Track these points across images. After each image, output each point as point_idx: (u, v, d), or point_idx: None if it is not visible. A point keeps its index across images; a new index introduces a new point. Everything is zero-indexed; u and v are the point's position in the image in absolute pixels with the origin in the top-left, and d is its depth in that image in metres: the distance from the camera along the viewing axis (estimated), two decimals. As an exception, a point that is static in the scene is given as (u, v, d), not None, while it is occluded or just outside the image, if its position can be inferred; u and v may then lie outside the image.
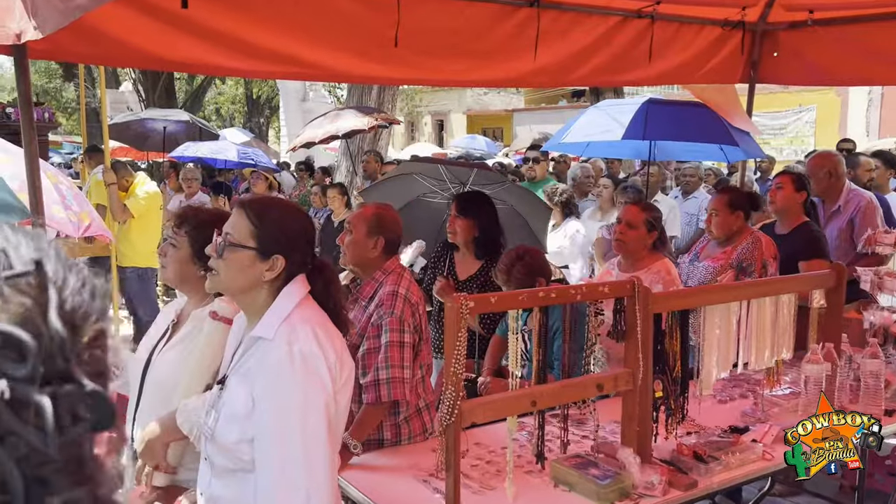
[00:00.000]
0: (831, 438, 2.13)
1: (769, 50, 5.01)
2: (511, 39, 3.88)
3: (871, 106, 17.56)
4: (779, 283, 3.12)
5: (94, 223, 3.75)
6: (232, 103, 33.95)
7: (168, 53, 3.09)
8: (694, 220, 6.67)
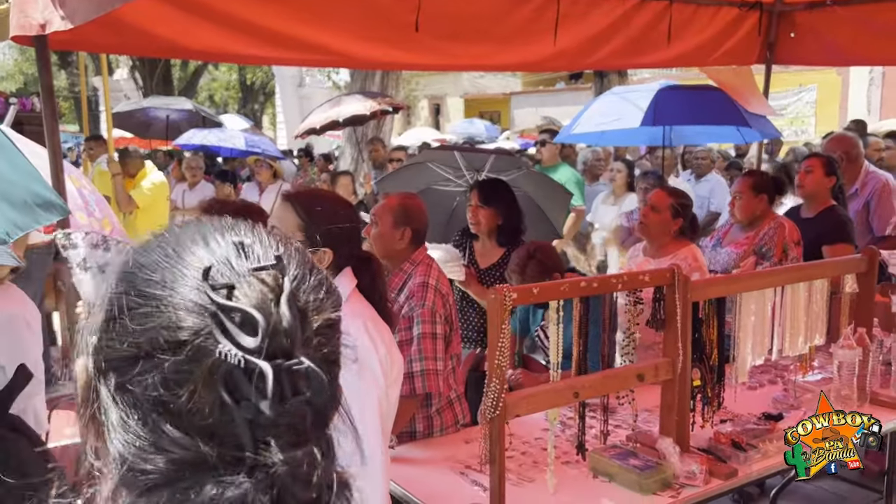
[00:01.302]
0: (831, 438, 2.12)
1: (786, 30, 4.95)
2: (530, 23, 3.82)
3: (873, 85, 17.51)
4: (812, 269, 3.09)
5: (115, 230, 3.70)
6: (226, 89, 33.71)
7: (191, 42, 3.04)
8: (705, 203, 6.63)
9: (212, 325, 0.60)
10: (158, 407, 0.61)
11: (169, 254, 0.66)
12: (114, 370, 0.63)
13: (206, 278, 0.62)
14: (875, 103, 17.58)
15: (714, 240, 4.10)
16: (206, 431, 0.60)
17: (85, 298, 0.98)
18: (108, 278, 0.68)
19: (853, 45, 4.84)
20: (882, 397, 3.14)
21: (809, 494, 4.06)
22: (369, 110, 6.87)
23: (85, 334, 0.67)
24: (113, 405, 0.63)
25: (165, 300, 0.62)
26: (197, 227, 0.69)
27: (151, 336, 0.61)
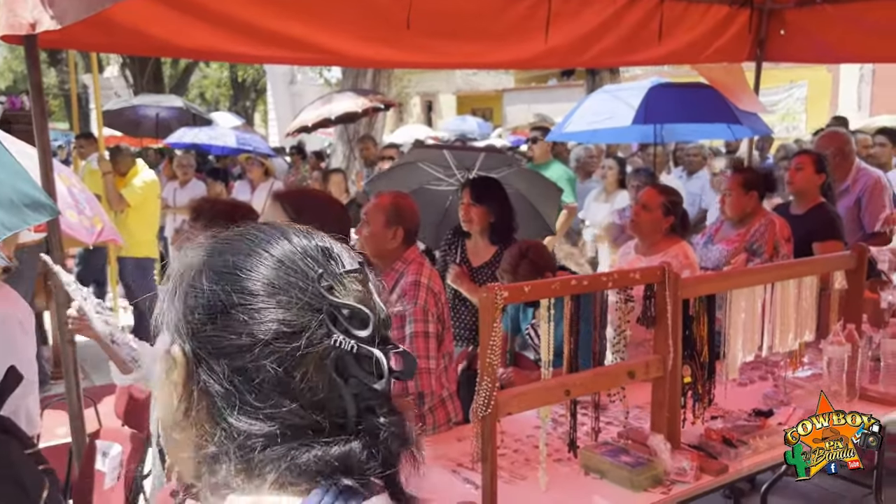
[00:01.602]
0: (831, 438, 2.13)
1: (776, 28, 4.98)
2: (523, 21, 3.83)
3: (863, 82, 17.59)
4: (802, 266, 3.11)
5: (106, 227, 3.69)
6: (217, 87, 33.59)
7: (183, 41, 3.03)
8: (697, 200, 6.66)
9: (325, 319, 0.73)
10: (275, 386, 0.72)
11: (267, 258, 0.77)
12: (226, 356, 0.73)
13: (320, 282, 0.75)
14: (865, 100, 17.67)
15: (706, 237, 4.12)
16: (317, 405, 0.72)
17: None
18: (186, 277, 0.78)
19: (843, 42, 4.87)
20: (871, 393, 3.16)
21: (799, 490, 4.09)
22: (361, 108, 6.87)
23: (175, 326, 0.77)
24: (225, 385, 0.73)
25: (278, 298, 0.74)
26: (282, 233, 0.80)
27: (268, 328, 0.73)
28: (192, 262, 0.79)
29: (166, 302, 0.80)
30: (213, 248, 0.80)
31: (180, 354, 0.76)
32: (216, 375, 0.74)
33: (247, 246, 0.78)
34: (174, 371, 0.76)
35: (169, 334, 0.78)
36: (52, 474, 2.20)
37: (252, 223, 0.84)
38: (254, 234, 0.80)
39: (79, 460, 2.90)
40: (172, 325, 0.78)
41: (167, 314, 0.79)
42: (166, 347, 0.78)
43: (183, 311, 0.77)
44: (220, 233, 0.83)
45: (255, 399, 0.72)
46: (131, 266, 6.40)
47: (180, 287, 0.78)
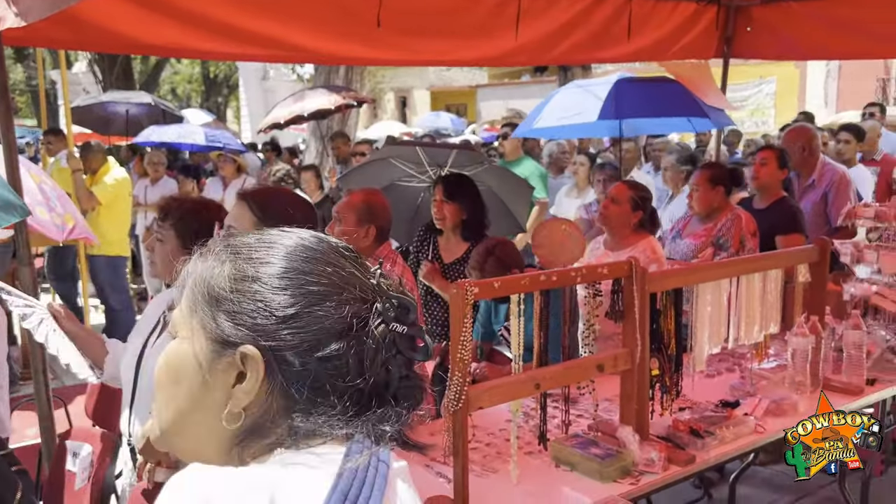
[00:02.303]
0: (831, 438, 2.16)
1: (743, 25, 5.05)
2: (492, 18, 3.86)
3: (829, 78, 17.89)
4: (766, 260, 3.17)
5: (79, 225, 3.65)
6: (188, 83, 33.28)
7: (152, 38, 3.01)
8: (665, 195, 6.73)
9: (381, 309, 0.86)
10: (347, 372, 0.84)
11: (328, 264, 0.88)
12: (309, 349, 0.84)
13: (368, 279, 0.89)
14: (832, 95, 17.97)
15: (674, 231, 4.18)
16: (372, 382, 0.85)
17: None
18: (252, 285, 0.87)
19: (808, 39, 4.95)
20: (834, 383, 3.23)
21: (767, 479, 4.18)
22: (334, 105, 6.85)
23: (240, 327, 0.85)
24: (303, 374, 0.84)
25: (343, 296, 0.86)
26: (311, 237, 0.92)
27: (341, 322, 0.85)
28: (233, 269, 0.88)
29: (204, 307, 0.87)
30: (252, 255, 0.89)
31: (257, 353, 0.83)
32: (295, 371, 0.83)
33: (304, 253, 0.89)
34: (249, 370, 0.84)
35: (223, 335, 0.85)
36: (25, 475, 2.19)
37: (271, 229, 0.94)
38: (287, 237, 0.91)
39: (49, 461, 2.88)
40: (230, 326, 0.85)
41: (213, 318, 0.86)
42: (215, 344, 0.86)
43: (249, 314, 0.85)
44: (236, 239, 0.92)
45: (329, 388, 0.84)
46: (102, 265, 6.34)
47: (231, 293, 0.86)
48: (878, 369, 3.35)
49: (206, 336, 0.86)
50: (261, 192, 1.96)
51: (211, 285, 0.87)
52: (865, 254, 3.43)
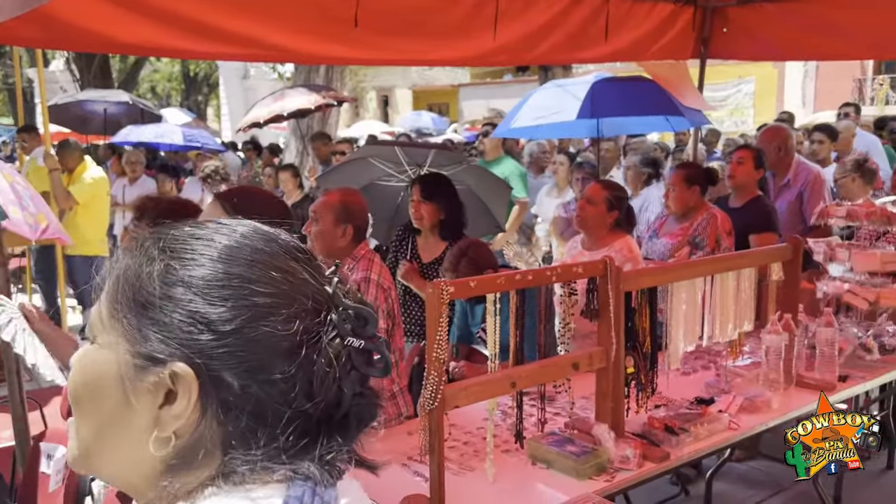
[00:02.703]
0: (831, 438, 2.18)
1: (719, 26, 5.10)
2: (470, 18, 3.87)
3: (807, 78, 18.08)
4: (740, 258, 3.21)
5: (52, 225, 3.61)
6: (168, 81, 33.03)
7: (125, 36, 2.99)
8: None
9: (336, 321, 0.75)
10: (296, 394, 0.73)
11: (277, 269, 0.75)
12: (251, 370, 0.72)
13: (321, 285, 0.77)
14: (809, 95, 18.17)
15: (651, 231, 4.22)
16: (324, 403, 0.74)
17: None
18: (162, 288, 0.73)
19: (784, 40, 5.01)
20: (807, 380, 3.28)
21: (743, 475, 4.22)
22: (314, 104, 6.84)
23: (169, 340, 0.72)
24: (243, 398, 0.72)
25: (292, 309, 0.74)
26: (267, 240, 0.78)
27: (289, 339, 0.73)
28: (164, 271, 0.74)
29: (128, 313, 0.74)
30: (186, 255, 0.75)
31: (190, 372, 0.71)
32: (233, 394, 0.72)
33: (242, 255, 0.75)
34: (180, 391, 0.71)
35: (150, 348, 0.72)
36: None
37: (199, 220, 0.81)
38: (229, 235, 0.77)
39: (23, 464, 2.85)
40: (159, 339, 0.72)
41: (138, 327, 0.73)
42: (138, 358, 0.73)
43: (181, 326, 0.72)
44: (170, 233, 0.78)
45: (272, 415, 0.72)
46: (80, 265, 6.28)
47: (160, 299, 0.72)
48: (849, 366, 3.40)
49: (129, 347, 0.73)
50: (235, 193, 1.96)
51: (137, 287, 0.74)
52: (838, 252, 3.48)
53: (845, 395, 3.29)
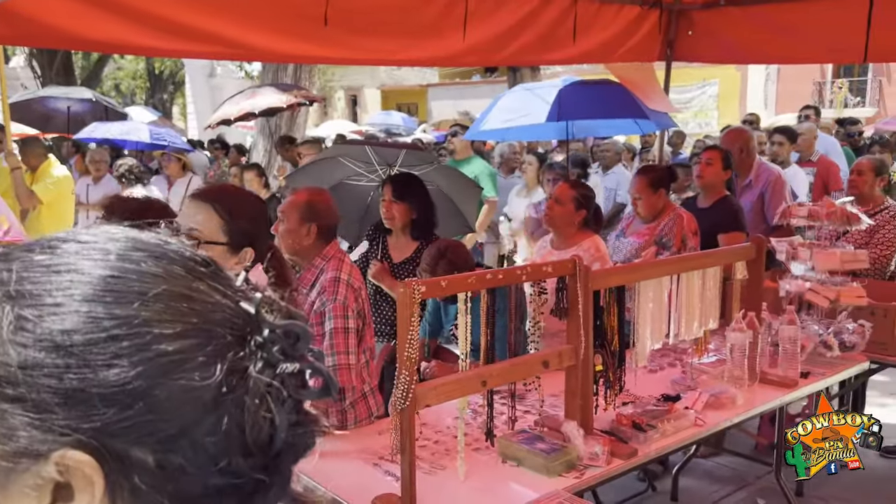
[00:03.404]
0: (831, 438, 2.21)
1: (684, 29, 5.18)
2: (440, 18, 3.89)
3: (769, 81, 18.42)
4: (706, 258, 3.27)
5: (13, 228, 3.55)
6: (133, 79, 32.53)
7: (93, 33, 2.94)
8: (612, 195, 6.86)
9: (265, 348, 0.58)
10: (221, 452, 0.56)
11: (182, 297, 0.56)
12: (169, 438, 0.54)
13: (238, 305, 0.59)
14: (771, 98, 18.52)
15: (618, 231, 4.27)
16: (253, 446, 0.58)
17: None
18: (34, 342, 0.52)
19: (747, 43, 5.11)
20: (770, 376, 3.35)
21: (708, 471, 4.30)
22: (285, 103, 6.81)
23: (72, 419, 0.52)
24: (164, 476, 0.54)
25: (215, 347, 0.56)
26: (158, 257, 0.59)
27: (216, 389, 0.55)
28: (18, 327, 0.52)
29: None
30: (45, 300, 0.53)
31: (87, 459, 0.52)
32: (149, 474, 0.53)
33: (125, 283, 0.55)
34: (77, 487, 0.52)
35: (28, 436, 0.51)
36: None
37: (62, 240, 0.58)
38: (100, 259, 0.56)
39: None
40: (31, 425, 0.51)
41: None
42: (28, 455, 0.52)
43: (62, 401, 0.51)
44: (12, 267, 0.55)
45: (201, 487, 0.56)
46: (43, 266, 6.15)
47: (20, 370, 0.51)
48: (810, 363, 3.48)
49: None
50: (224, 194, 1.94)
51: None
52: (800, 251, 3.56)
53: (808, 391, 3.36)
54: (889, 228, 4.40)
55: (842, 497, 3.94)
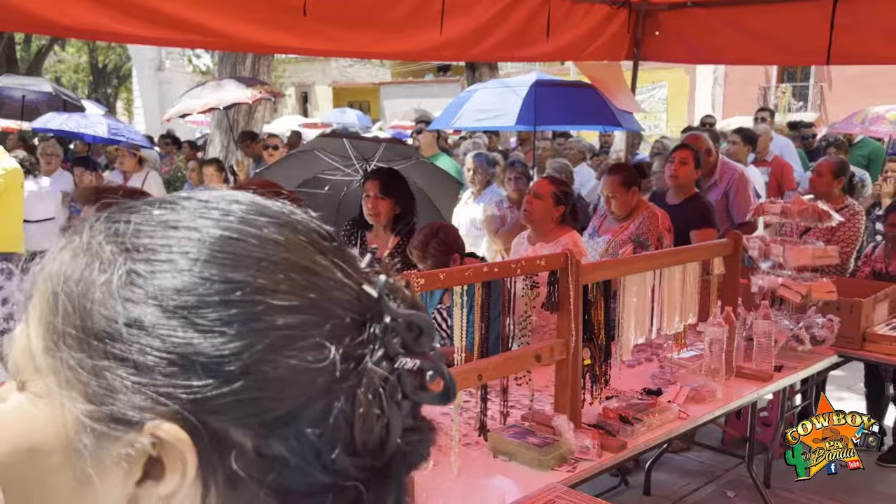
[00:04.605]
0: (831, 438, 2.23)
1: (651, 29, 5.25)
2: (417, 12, 3.86)
3: (716, 84, 18.86)
4: (687, 252, 3.31)
5: None
6: (75, 72, 31.58)
7: (59, 17, 2.82)
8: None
9: (384, 338, 0.53)
10: (328, 447, 0.51)
11: (298, 268, 0.52)
12: (272, 423, 0.49)
13: (360, 287, 0.54)
14: (718, 100, 18.97)
15: (591, 229, 4.30)
16: (365, 448, 0.53)
17: None
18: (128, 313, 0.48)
19: (712, 44, 5.21)
20: (745, 370, 3.42)
21: (680, 465, 4.36)
22: (251, 99, 6.69)
23: (168, 388, 0.48)
24: (262, 465, 0.50)
25: (331, 327, 0.51)
26: (280, 224, 0.54)
27: (328, 373, 0.50)
28: (127, 281, 0.49)
29: (75, 348, 0.49)
30: (160, 256, 0.50)
31: (182, 434, 0.48)
32: (247, 461, 0.49)
33: (241, 249, 0.51)
34: (169, 463, 0.48)
35: (127, 403, 0.48)
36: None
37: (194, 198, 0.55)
38: (220, 219, 0.52)
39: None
40: (129, 388, 0.48)
41: (94, 371, 0.48)
42: (110, 423, 0.48)
43: (163, 366, 0.48)
44: (130, 219, 0.52)
45: (303, 482, 0.51)
46: (-8, 262, 5.91)
47: (126, 327, 0.48)
48: (782, 357, 3.56)
49: (82, 403, 0.48)
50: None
51: (87, 309, 0.49)
52: (772, 248, 3.64)
53: (782, 384, 3.44)
54: (849, 226, 4.53)
55: (807, 488, 4.04)
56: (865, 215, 5.61)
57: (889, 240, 4.55)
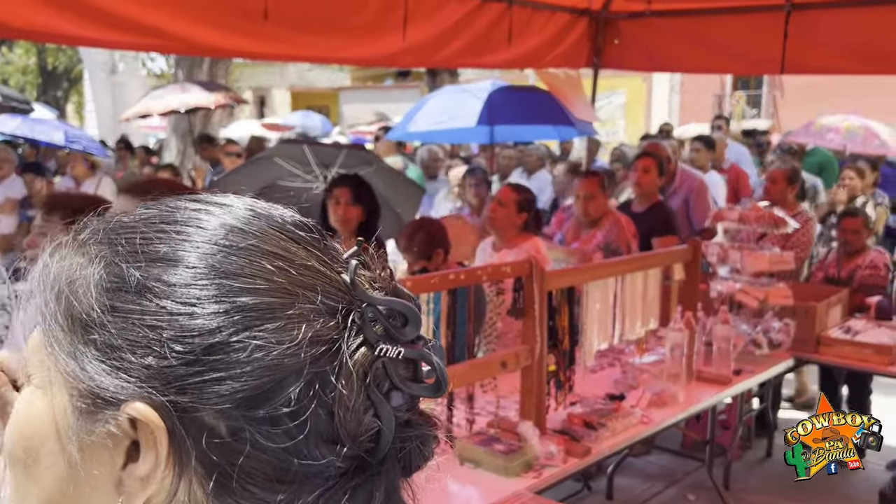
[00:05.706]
0: (831, 438, 2.26)
1: (611, 37, 5.32)
2: (381, 18, 3.84)
3: (673, 92, 19.18)
4: (650, 259, 3.35)
5: None
6: (23, 74, 30.77)
7: (10, 19, 2.74)
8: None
9: (360, 323, 0.53)
10: (309, 434, 0.52)
11: (269, 254, 0.54)
12: (241, 404, 0.50)
13: (353, 274, 0.55)
14: (675, 108, 19.29)
15: (558, 237, 4.34)
16: (352, 438, 0.54)
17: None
18: (107, 296, 0.52)
19: (670, 53, 5.29)
20: (705, 374, 3.47)
21: (641, 469, 4.40)
22: (214, 104, 6.60)
23: (142, 369, 0.50)
24: (232, 448, 0.51)
25: (300, 310, 0.52)
26: (252, 215, 0.57)
27: (297, 353, 0.51)
28: (104, 274, 0.53)
29: (61, 338, 0.52)
30: (140, 249, 0.53)
31: (153, 415, 0.49)
32: (218, 443, 0.50)
33: (214, 239, 0.54)
34: (144, 443, 0.50)
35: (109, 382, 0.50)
36: None
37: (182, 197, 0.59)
38: (209, 220, 0.55)
39: None
40: (105, 370, 0.50)
41: (75, 356, 0.51)
42: (89, 400, 0.51)
43: (137, 348, 0.50)
44: (122, 221, 0.56)
45: (276, 470, 0.51)
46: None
47: (104, 312, 0.51)
48: (741, 361, 3.62)
49: (67, 386, 0.52)
50: (154, 185, 1.83)
51: (71, 301, 0.52)
52: (730, 254, 3.70)
53: (741, 388, 3.50)
54: (803, 232, 4.63)
55: (765, 490, 4.12)
56: (821, 222, 5.76)
57: (841, 245, 4.67)
